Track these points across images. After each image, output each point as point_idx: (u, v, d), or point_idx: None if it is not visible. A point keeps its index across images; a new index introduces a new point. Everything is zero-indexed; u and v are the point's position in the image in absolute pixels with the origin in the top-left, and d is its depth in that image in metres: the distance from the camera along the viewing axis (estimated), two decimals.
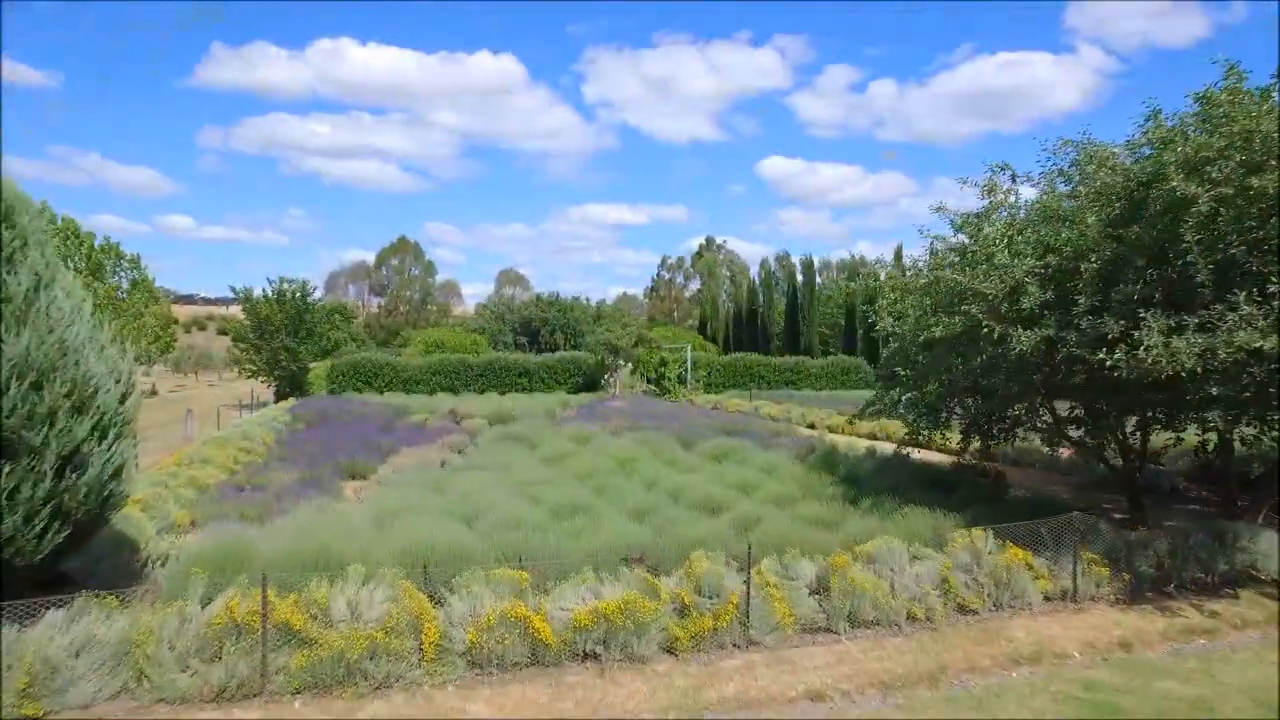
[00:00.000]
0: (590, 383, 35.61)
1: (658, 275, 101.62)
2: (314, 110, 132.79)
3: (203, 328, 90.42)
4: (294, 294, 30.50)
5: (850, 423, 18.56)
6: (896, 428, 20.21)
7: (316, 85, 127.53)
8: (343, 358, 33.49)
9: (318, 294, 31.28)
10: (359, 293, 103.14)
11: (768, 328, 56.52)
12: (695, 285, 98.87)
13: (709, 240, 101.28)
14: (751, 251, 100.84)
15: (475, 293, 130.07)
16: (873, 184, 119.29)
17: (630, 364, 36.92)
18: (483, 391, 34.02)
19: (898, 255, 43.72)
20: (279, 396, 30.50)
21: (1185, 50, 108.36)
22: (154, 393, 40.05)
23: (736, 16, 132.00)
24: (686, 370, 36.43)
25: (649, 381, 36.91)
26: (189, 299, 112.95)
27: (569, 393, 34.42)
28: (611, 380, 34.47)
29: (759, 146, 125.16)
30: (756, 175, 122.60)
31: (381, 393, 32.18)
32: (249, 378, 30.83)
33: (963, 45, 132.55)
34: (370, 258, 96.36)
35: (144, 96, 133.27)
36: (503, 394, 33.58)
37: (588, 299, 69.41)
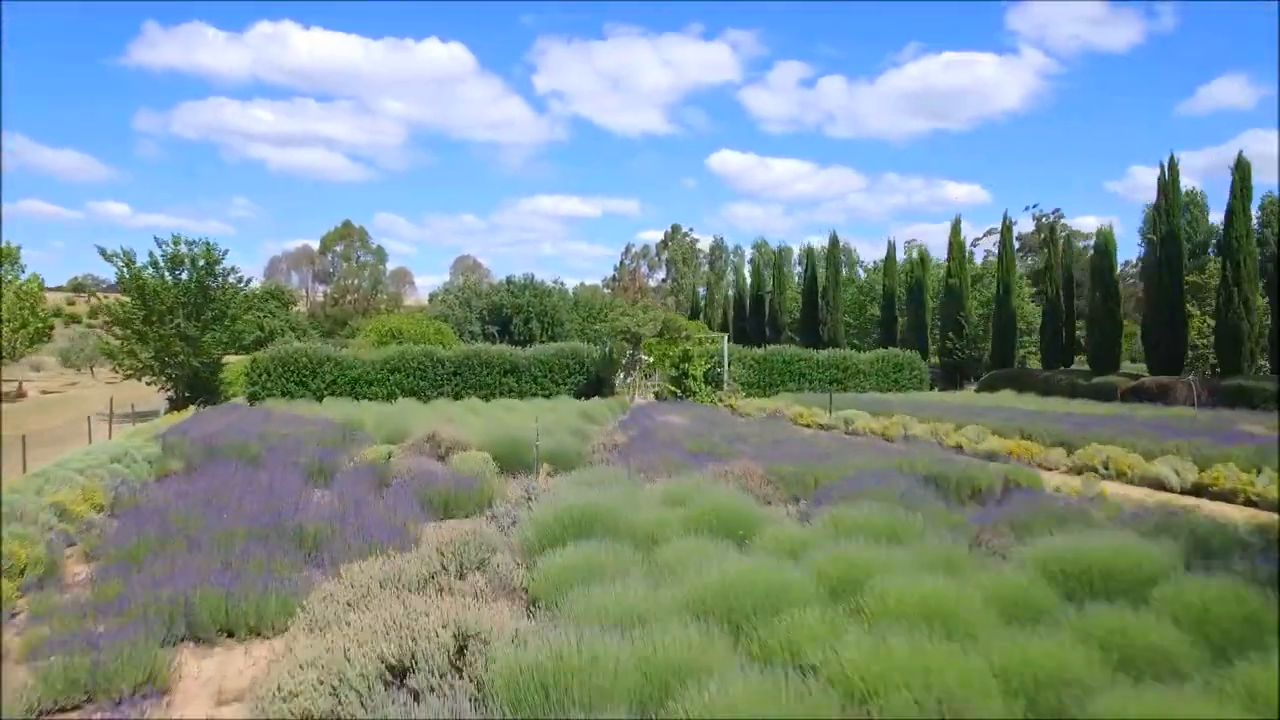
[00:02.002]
0: (596, 382, 27.63)
1: (621, 264, 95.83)
2: (257, 96, 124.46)
3: None
4: (195, 261, 21.79)
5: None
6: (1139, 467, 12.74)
7: (258, 70, 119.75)
8: (268, 351, 24.84)
9: (228, 263, 22.56)
10: (303, 280, 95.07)
11: (777, 316, 49.15)
12: (660, 275, 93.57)
13: (675, 228, 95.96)
14: (704, 245, 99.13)
15: (427, 284, 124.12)
16: (823, 179, 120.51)
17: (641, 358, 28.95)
18: (458, 395, 25.76)
19: (955, 228, 36.78)
20: (175, 404, 21.88)
21: (1121, 55, 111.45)
22: (19, 395, 30.76)
23: (688, 10, 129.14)
24: (724, 368, 28.65)
25: (669, 380, 29.10)
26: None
27: (572, 395, 26.41)
28: (630, 380, 26.52)
29: (710, 140, 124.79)
30: (708, 169, 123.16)
31: (320, 398, 23.71)
32: (129, 377, 21.99)
33: (910, 44, 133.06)
34: (316, 245, 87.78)
35: (70, 75, 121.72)
36: (487, 399, 25.39)
37: (561, 282, 61.24)
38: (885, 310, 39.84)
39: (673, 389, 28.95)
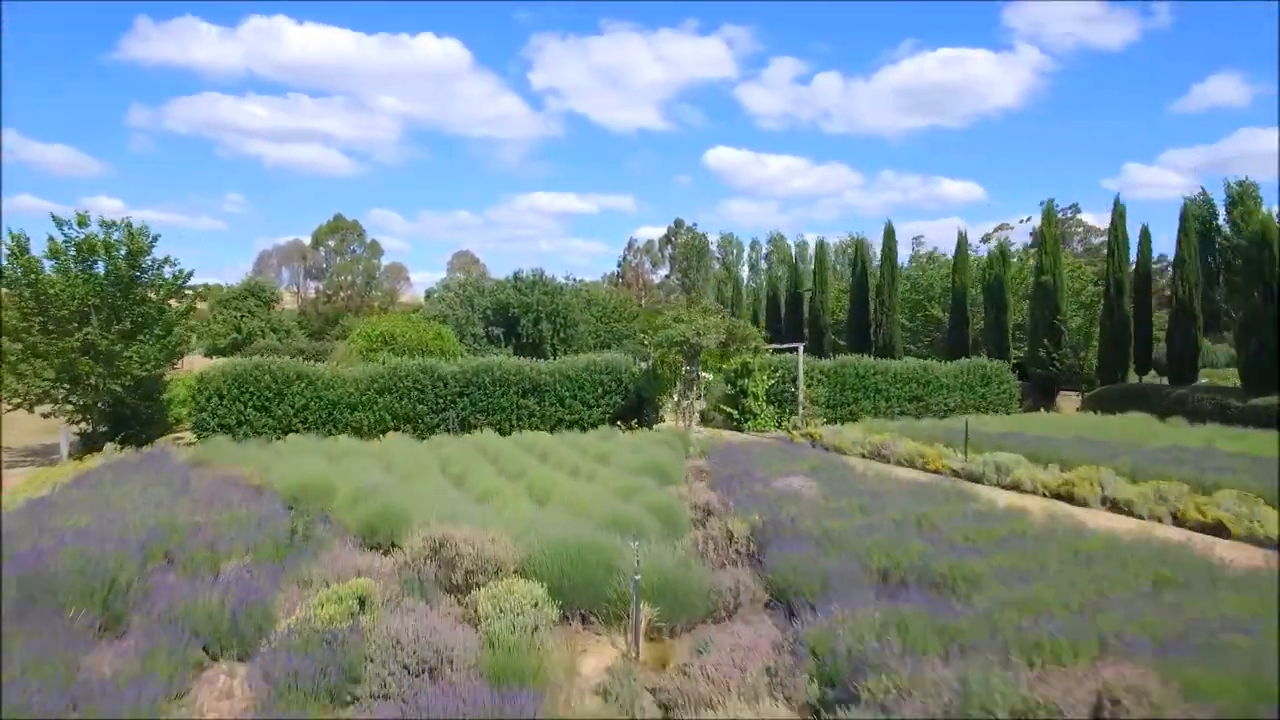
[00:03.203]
0: (636, 404, 22.13)
1: (624, 259, 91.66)
2: (250, 91, 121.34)
3: None
4: (112, 249, 16.20)
5: None
6: None
7: (252, 65, 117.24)
8: (220, 366, 19.23)
9: (160, 252, 16.73)
10: (294, 276, 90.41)
11: (819, 318, 43.69)
12: (663, 272, 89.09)
13: (678, 223, 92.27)
14: (711, 240, 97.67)
15: (422, 280, 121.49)
16: (819, 176, 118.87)
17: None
18: (465, 425, 20.26)
19: (1048, 216, 31.40)
20: (89, 442, 16.35)
21: (1117, 53, 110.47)
22: None
23: (683, 6, 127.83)
24: (798, 386, 23.17)
25: (724, 399, 23.65)
26: None
27: (609, 420, 20.96)
28: (686, 404, 21.01)
29: (706, 137, 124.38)
30: (704, 166, 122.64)
31: (286, 431, 18.18)
32: (18, 407, 16.33)
33: (905, 41, 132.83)
34: (308, 240, 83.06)
35: (62, 70, 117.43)
36: (501, 427, 19.91)
37: (574, 278, 55.62)
38: (955, 312, 34.38)
39: (728, 410, 23.53)
